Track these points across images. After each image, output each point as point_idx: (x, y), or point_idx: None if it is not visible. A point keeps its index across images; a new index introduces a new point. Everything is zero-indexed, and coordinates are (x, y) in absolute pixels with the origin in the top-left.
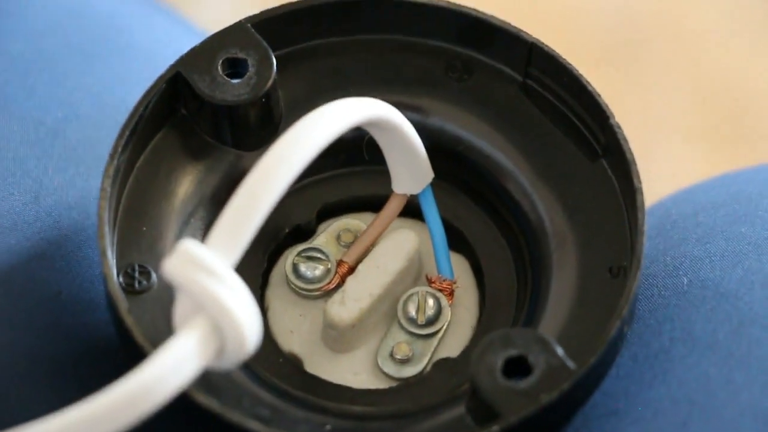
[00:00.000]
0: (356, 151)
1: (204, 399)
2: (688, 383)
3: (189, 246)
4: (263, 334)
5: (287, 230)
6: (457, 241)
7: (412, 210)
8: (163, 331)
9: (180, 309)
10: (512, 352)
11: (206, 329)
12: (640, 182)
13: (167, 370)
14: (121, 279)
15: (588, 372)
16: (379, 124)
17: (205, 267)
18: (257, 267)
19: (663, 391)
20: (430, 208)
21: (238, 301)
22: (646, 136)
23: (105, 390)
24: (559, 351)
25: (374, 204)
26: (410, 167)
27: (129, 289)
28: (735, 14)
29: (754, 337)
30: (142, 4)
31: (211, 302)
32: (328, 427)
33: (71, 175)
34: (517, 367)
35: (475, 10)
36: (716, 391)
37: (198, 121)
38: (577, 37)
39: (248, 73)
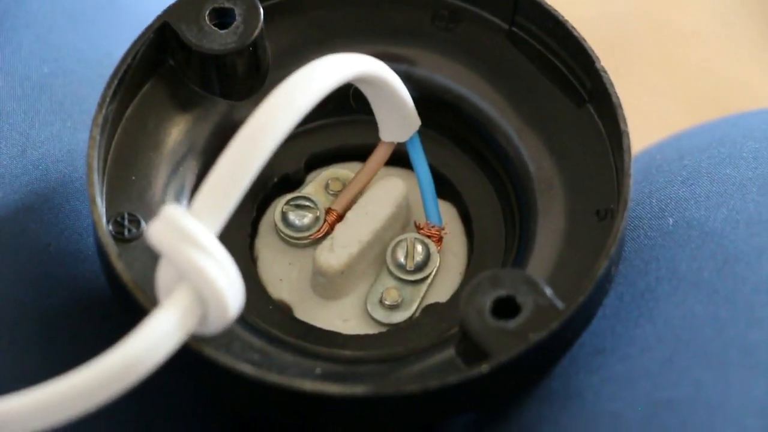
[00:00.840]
0: (343, 100)
1: (194, 343)
2: (673, 321)
3: (173, 213)
4: (253, 282)
5: (276, 180)
6: (444, 188)
7: (400, 158)
8: (152, 278)
9: (163, 275)
10: (501, 292)
11: (189, 299)
12: (626, 125)
13: (151, 344)
14: (110, 227)
15: (576, 311)
16: (365, 80)
17: (189, 236)
18: (246, 216)
19: (649, 329)
20: (417, 155)
21: (221, 271)
22: (633, 130)
23: (89, 364)
24: (548, 291)
25: (362, 153)
26: (397, 116)
27: (119, 237)
28: (722, 15)
29: (738, 274)
30: None
31: (194, 273)
32: (318, 370)
33: (58, 129)
34: (505, 308)
35: None
36: (702, 328)
37: (186, 71)
38: None
39: (235, 23)
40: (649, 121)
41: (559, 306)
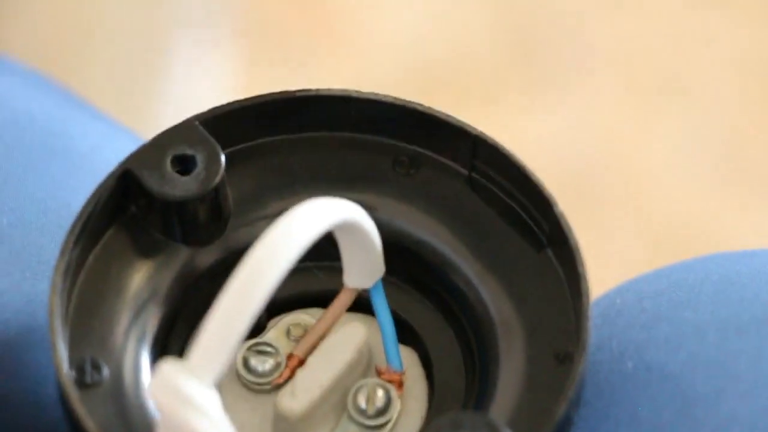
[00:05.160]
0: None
1: None
2: None
3: (169, 370)
4: None
5: None
6: (405, 333)
7: (362, 303)
8: (114, 424)
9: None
10: None
11: None
12: (584, 269)
13: None
14: (72, 372)
15: None
16: (349, 226)
17: (186, 397)
18: None
19: None
20: (380, 301)
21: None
22: (599, 274)
23: None
24: None
25: (324, 299)
26: (366, 263)
27: (80, 383)
28: (685, 154)
29: (698, 417)
30: (80, 111)
31: None
32: None
33: (17, 280)
34: None
35: (420, 104)
36: None
37: (148, 217)
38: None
39: (197, 169)
40: (613, 261)
41: None
